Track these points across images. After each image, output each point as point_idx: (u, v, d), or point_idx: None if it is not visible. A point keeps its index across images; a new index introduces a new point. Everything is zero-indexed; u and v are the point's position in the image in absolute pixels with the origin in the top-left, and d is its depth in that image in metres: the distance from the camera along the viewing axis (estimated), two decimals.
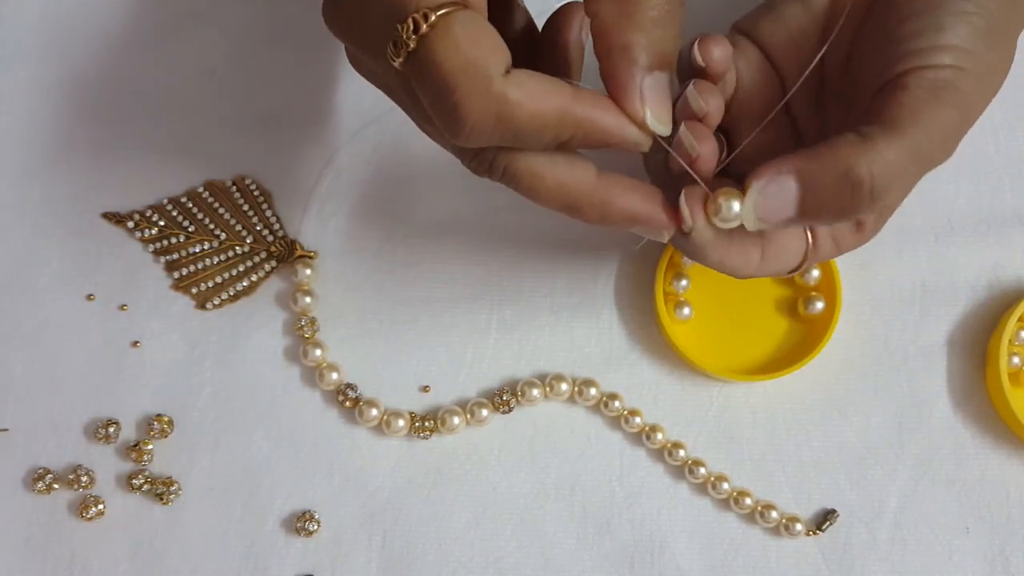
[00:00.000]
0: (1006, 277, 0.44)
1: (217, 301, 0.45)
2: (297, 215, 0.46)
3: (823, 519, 0.42)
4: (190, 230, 0.46)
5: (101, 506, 0.43)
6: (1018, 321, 0.43)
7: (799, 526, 0.42)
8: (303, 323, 0.44)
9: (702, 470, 0.42)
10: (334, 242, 0.46)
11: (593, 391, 0.43)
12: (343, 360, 0.44)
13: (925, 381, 0.44)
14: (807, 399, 0.44)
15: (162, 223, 0.46)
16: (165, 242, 0.46)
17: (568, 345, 0.44)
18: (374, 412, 0.43)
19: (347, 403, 0.44)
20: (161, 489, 0.43)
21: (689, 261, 0.44)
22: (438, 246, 0.45)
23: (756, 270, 0.33)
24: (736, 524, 0.43)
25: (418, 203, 0.46)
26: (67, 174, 0.46)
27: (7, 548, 0.43)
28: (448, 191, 0.46)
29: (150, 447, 0.43)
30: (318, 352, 0.44)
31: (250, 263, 0.45)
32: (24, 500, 0.43)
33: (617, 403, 0.43)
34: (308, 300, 0.44)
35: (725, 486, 0.42)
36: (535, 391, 0.43)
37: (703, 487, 0.43)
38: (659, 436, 0.43)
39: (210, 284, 0.45)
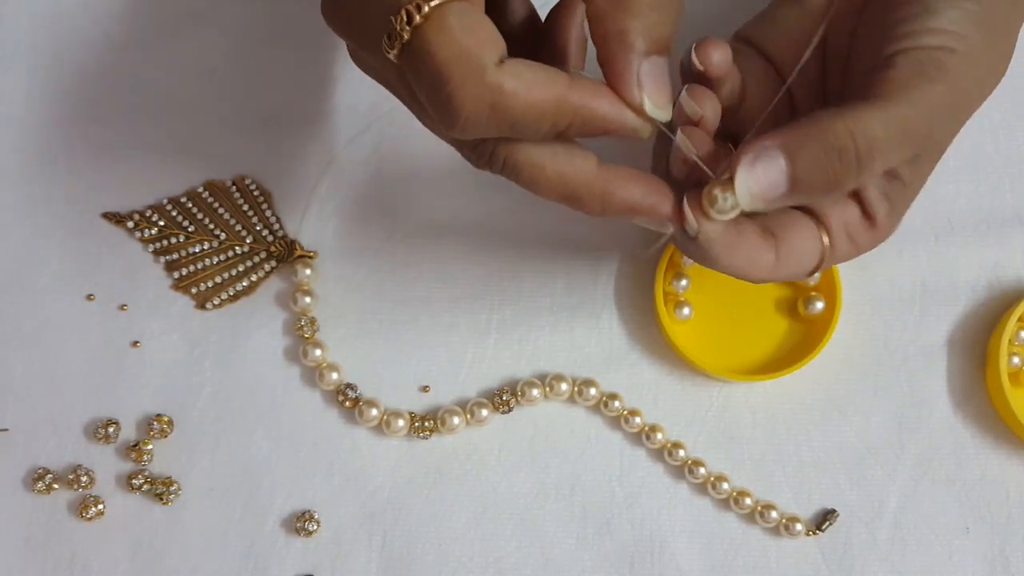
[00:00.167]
0: (1006, 277, 0.44)
1: (217, 301, 0.45)
2: (297, 215, 0.46)
3: (823, 519, 0.42)
4: (190, 230, 0.46)
5: (101, 506, 0.43)
6: (1018, 321, 0.43)
7: (799, 526, 0.42)
8: (303, 323, 0.44)
9: (702, 470, 0.42)
10: (334, 242, 0.46)
11: (593, 391, 0.43)
12: (343, 360, 0.44)
13: (925, 381, 0.44)
14: (807, 399, 0.44)
15: (162, 223, 0.46)
16: (165, 242, 0.46)
17: (568, 345, 0.44)
18: (374, 412, 0.43)
19: (347, 403, 0.44)
20: (161, 489, 0.43)
21: (689, 261, 0.44)
22: (438, 246, 0.45)
23: (772, 273, 0.33)
24: (736, 524, 0.43)
25: (418, 203, 0.46)
26: (67, 174, 0.46)
27: (7, 548, 0.43)
28: (448, 191, 0.46)
29: (150, 447, 0.43)
30: (318, 352, 0.44)
31: (250, 263, 0.45)
32: (24, 500, 0.43)
33: (617, 403, 0.43)
34: (308, 300, 0.44)
35: (725, 486, 0.42)
36: (535, 391, 0.43)
37: (703, 487, 0.43)
38: (659, 436, 0.43)
39: (210, 284, 0.45)
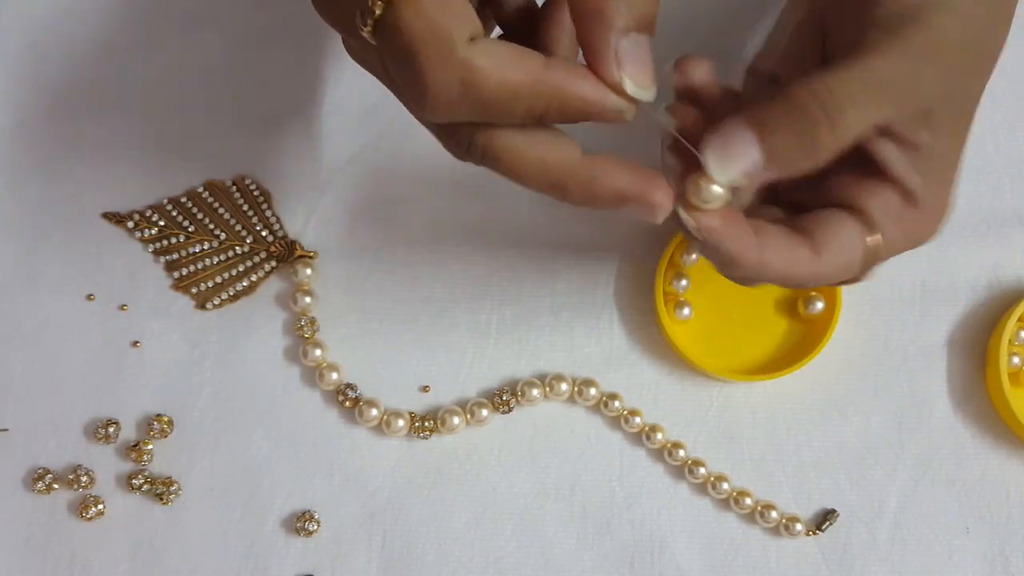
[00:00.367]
0: (1006, 277, 0.44)
1: (217, 301, 0.45)
2: (297, 215, 0.46)
3: (823, 519, 0.42)
4: (190, 230, 0.46)
5: (101, 506, 0.43)
6: (1018, 321, 0.43)
7: (799, 526, 0.42)
8: (303, 323, 0.44)
9: (702, 470, 0.42)
10: (334, 242, 0.46)
11: (593, 391, 0.43)
12: (343, 360, 0.44)
13: (925, 381, 0.44)
14: (807, 399, 0.44)
15: (162, 223, 0.46)
16: (165, 242, 0.46)
17: (568, 345, 0.44)
18: (374, 412, 0.43)
19: (347, 403, 0.44)
20: (161, 489, 0.43)
21: (689, 261, 0.44)
22: (438, 246, 0.45)
23: (812, 269, 0.31)
24: (736, 524, 0.43)
25: (418, 203, 0.46)
26: (67, 174, 0.46)
27: (7, 548, 0.43)
28: (448, 191, 0.45)
29: (150, 447, 0.43)
30: (318, 352, 0.44)
31: (250, 263, 0.45)
32: (24, 500, 0.43)
33: (617, 403, 0.43)
34: (308, 300, 0.44)
35: (725, 486, 0.42)
36: (535, 391, 0.43)
37: (703, 487, 0.43)
38: (659, 436, 0.43)
39: (210, 284, 0.45)
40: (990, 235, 0.45)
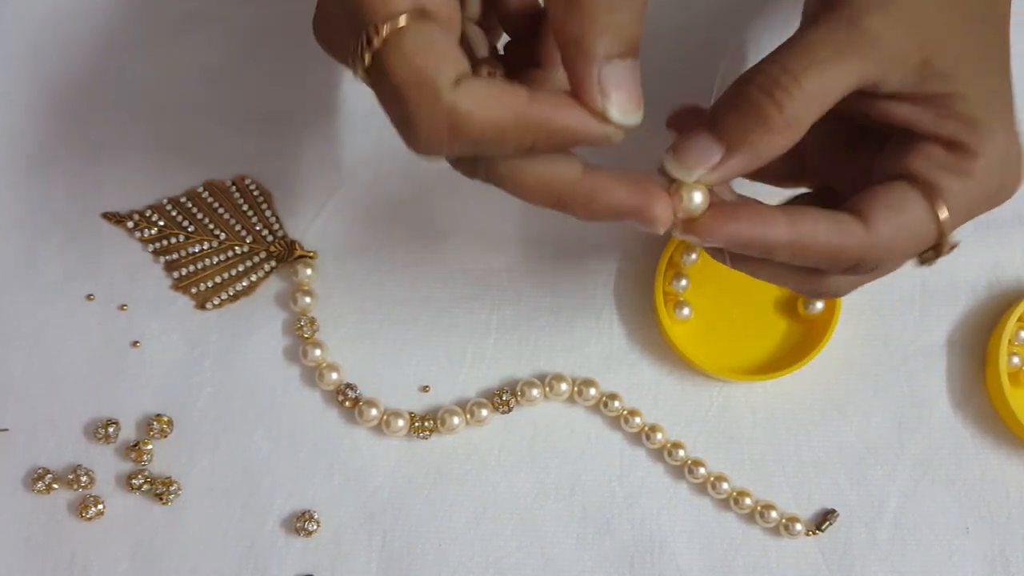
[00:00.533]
0: (1006, 277, 0.44)
1: (217, 301, 0.45)
2: (297, 215, 0.46)
3: (823, 519, 0.42)
4: (190, 230, 0.46)
5: (101, 506, 0.43)
6: (1018, 321, 0.43)
7: (799, 526, 0.42)
8: (303, 323, 0.44)
9: (702, 470, 0.42)
10: (334, 242, 0.46)
11: (593, 391, 0.43)
12: (343, 360, 0.44)
13: (925, 381, 0.44)
14: (807, 399, 0.44)
15: (162, 223, 0.46)
16: (165, 242, 0.46)
17: (568, 345, 0.44)
18: (374, 412, 0.43)
19: (347, 403, 0.44)
20: (161, 489, 0.43)
21: (689, 261, 0.44)
22: (438, 246, 0.45)
23: (870, 243, 0.30)
24: (736, 524, 0.43)
25: (418, 203, 0.46)
26: (67, 174, 0.46)
27: (7, 548, 0.43)
28: (448, 191, 0.45)
29: (150, 447, 0.43)
30: (318, 352, 0.44)
31: (250, 263, 0.45)
32: (24, 500, 0.43)
33: (617, 403, 0.43)
34: (308, 300, 0.44)
35: (725, 486, 0.42)
36: (535, 391, 0.43)
37: (703, 487, 0.43)
38: (659, 436, 0.43)
39: (210, 284, 0.45)
40: (990, 235, 0.45)
